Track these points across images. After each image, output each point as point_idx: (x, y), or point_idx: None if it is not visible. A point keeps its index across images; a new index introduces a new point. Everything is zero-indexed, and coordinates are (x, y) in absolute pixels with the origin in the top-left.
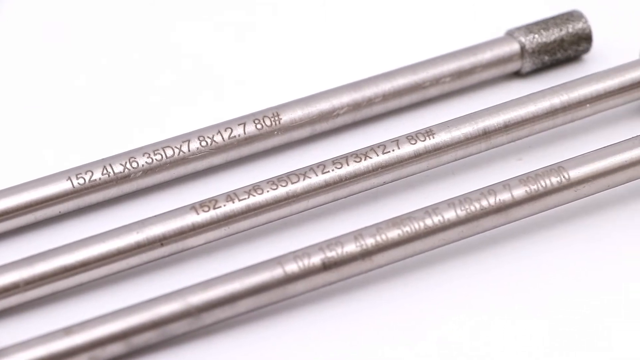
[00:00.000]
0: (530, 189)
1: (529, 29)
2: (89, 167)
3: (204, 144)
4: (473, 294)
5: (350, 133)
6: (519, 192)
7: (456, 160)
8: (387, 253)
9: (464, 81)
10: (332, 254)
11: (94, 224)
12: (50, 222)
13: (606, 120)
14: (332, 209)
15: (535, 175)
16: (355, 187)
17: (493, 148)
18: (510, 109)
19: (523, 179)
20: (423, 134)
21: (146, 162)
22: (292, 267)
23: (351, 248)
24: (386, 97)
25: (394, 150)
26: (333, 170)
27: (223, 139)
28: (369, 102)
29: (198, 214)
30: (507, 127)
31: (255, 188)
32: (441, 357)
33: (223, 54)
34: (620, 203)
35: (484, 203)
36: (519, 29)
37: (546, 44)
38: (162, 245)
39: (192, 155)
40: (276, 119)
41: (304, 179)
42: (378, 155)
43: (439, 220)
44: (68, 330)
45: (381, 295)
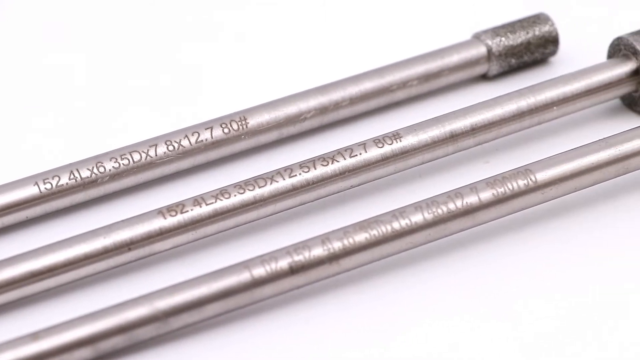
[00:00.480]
0: (497, 192)
1: (496, 32)
2: (55, 172)
3: (171, 148)
4: (440, 297)
5: (318, 137)
6: (486, 195)
7: (423, 163)
8: (355, 257)
9: (431, 84)
10: (299, 257)
11: (61, 229)
12: (17, 228)
13: (573, 123)
14: (300, 213)
15: (502, 178)
16: (323, 191)
17: (460, 151)
18: (477, 112)
19: (490, 182)
20: (390, 137)
21: (113, 167)
22: (260, 271)
23: (318, 252)
24: (353, 100)
25: (361, 154)
26: (300, 174)
27: (190, 143)
28: (336, 105)
29: (165, 218)
30: (474, 130)
31: (223, 192)
32: None
33: (190, 58)
34: (587, 206)
35: (451, 206)
36: (485, 32)
37: (513, 47)
38: (129, 250)
39: (160, 159)
40: (243, 123)
41: (271, 183)
42: (345, 159)
43: (406, 224)
44: (35, 336)
45: (349, 299)
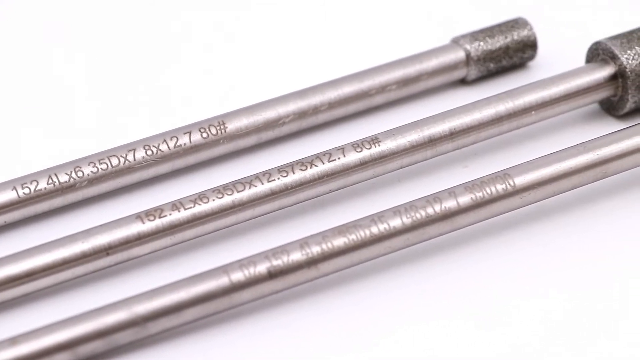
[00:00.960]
0: (475, 196)
1: (474, 36)
2: (34, 177)
3: (149, 152)
4: (419, 302)
5: (296, 141)
6: (464, 199)
7: (402, 167)
8: (333, 261)
9: (409, 89)
10: (278, 262)
11: (40, 233)
12: None
13: (551, 127)
14: (278, 217)
15: (480, 183)
16: (301, 195)
17: (439, 155)
18: (455, 116)
19: (469, 186)
20: (369, 142)
21: (92, 172)
22: (238, 276)
23: (297, 256)
24: (332, 105)
25: (339, 158)
26: (279, 178)
27: (169, 147)
28: (315, 110)
29: (144, 223)
30: (452, 135)
31: (201, 197)
32: None
33: (168, 62)
34: (566, 210)
35: (430, 210)
36: (464, 36)
37: (491, 52)
38: (107, 254)
39: (138, 164)
40: (222, 127)
41: (249, 187)
42: (324, 163)
43: (385, 228)
44: (14, 341)
45: (327, 304)
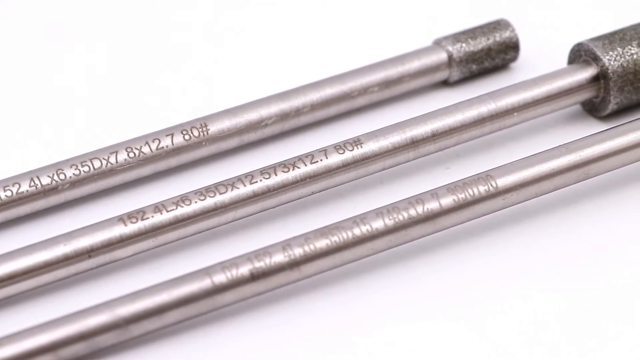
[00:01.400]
0: (458, 198)
1: (457, 38)
2: (16, 179)
3: (131, 155)
4: (402, 303)
5: (279, 143)
6: (447, 200)
7: (384, 169)
8: (316, 263)
9: (392, 90)
10: (260, 264)
11: (22, 236)
12: None
13: (534, 129)
14: (261, 219)
15: (463, 184)
16: (284, 197)
17: (421, 157)
18: (438, 118)
19: (451, 188)
20: (351, 144)
21: (74, 174)
22: (220, 278)
23: (279, 258)
24: (314, 107)
25: (322, 160)
26: (261, 180)
27: (151, 150)
28: (297, 112)
29: (126, 225)
30: (435, 136)
31: (183, 199)
32: None
33: (150, 64)
34: (548, 211)
35: (412, 212)
36: (446, 38)
37: (474, 53)
38: (89, 257)
39: (120, 166)
40: (204, 129)
41: (232, 189)
42: (306, 165)
43: (367, 230)
44: None
45: (310, 305)
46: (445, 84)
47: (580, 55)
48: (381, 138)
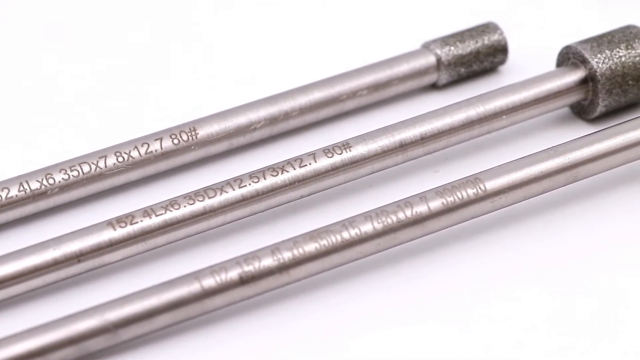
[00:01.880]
0: (446, 201)
1: (445, 41)
2: (5, 184)
3: (120, 159)
4: (391, 307)
5: (267, 147)
6: (435, 204)
7: (373, 172)
8: (305, 267)
9: (380, 94)
10: (249, 268)
11: (10, 241)
12: None
13: (522, 132)
14: (250, 223)
15: (451, 187)
16: (273, 201)
17: (410, 160)
18: (426, 121)
19: (440, 191)
20: (340, 147)
21: (63, 179)
22: (210, 282)
23: (268, 262)
24: (303, 110)
25: (311, 164)
26: (250, 184)
27: (140, 154)
28: (286, 115)
29: (115, 229)
30: (423, 139)
31: (172, 203)
32: None
33: (139, 68)
34: (537, 214)
35: (401, 215)
36: (434, 41)
37: (462, 56)
38: (79, 261)
39: (109, 170)
40: (193, 133)
41: (221, 193)
42: (295, 169)
43: (356, 233)
44: None
45: (299, 309)
46: (434, 87)
47: (568, 58)
48: (370, 141)
